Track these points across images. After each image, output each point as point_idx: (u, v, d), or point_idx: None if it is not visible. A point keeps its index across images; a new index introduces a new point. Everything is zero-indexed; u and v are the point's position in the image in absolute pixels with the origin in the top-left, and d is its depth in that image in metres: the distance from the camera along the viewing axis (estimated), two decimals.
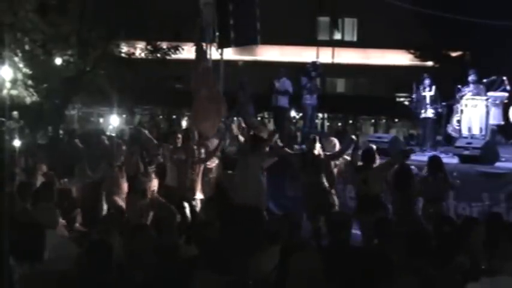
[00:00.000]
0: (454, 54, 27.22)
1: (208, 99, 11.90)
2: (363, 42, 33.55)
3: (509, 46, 18.54)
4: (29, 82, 16.98)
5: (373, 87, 32.74)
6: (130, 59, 19.90)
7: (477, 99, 12.79)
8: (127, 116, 25.67)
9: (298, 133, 18.65)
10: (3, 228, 3.87)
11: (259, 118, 24.53)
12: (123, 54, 19.92)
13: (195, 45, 12.79)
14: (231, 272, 4.70)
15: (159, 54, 20.30)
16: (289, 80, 15.52)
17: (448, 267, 4.95)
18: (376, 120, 33.68)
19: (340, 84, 36.54)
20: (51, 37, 17.38)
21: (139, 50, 20.17)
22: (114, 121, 16.80)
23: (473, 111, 12.79)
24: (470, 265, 5.20)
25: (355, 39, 35.17)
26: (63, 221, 7.23)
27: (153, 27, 19.38)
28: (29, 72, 16.91)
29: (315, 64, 15.75)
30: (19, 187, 7.89)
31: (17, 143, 11.68)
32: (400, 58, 31.24)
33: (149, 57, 20.23)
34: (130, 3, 18.65)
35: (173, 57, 20.43)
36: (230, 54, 18.62)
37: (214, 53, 14.16)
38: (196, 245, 5.40)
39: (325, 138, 11.16)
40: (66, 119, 23.37)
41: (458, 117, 13.20)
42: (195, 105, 12.16)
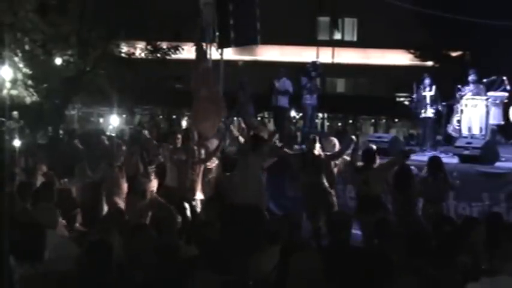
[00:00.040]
0: (454, 54, 27.21)
1: (208, 99, 11.90)
2: (363, 42, 33.55)
3: (509, 46, 18.52)
4: (29, 82, 17.01)
5: (373, 87, 32.72)
6: (131, 59, 19.90)
7: (477, 99, 12.80)
8: (127, 116, 25.68)
9: (298, 133, 18.63)
10: (3, 228, 3.86)
11: (259, 118, 24.53)
12: (123, 54, 19.92)
13: (195, 45, 12.79)
14: (231, 272, 4.70)
15: (159, 54, 20.31)
16: (289, 80, 15.52)
17: (448, 267, 4.94)
18: (376, 120, 33.67)
19: (340, 84, 36.54)
20: (51, 37, 17.39)
21: (139, 50, 20.18)
22: (114, 121, 16.81)
23: (473, 111, 12.80)
24: (471, 265, 5.20)
25: (355, 39, 35.18)
26: (63, 221, 7.22)
27: (153, 27, 19.39)
28: (29, 72, 16.94)
29: (315, 64, 15.74)
30: (19, 187, 7.88)
31: (17, 143, 11.66)
32: (400, 58, 31.24)
33: (149, 57, 20.24)
34: (130, 3, 18.66)
35: (173, 57, 20.44)
36: (230, 54, 18.61)
37: (214, 53, 14.15)
38: (196, 245, 5.40)
39: (325, 138, 11.16)
40: (66, 119, 23.37)
41: (458, 117, 13.20)
42: (195, 105, 12.15)
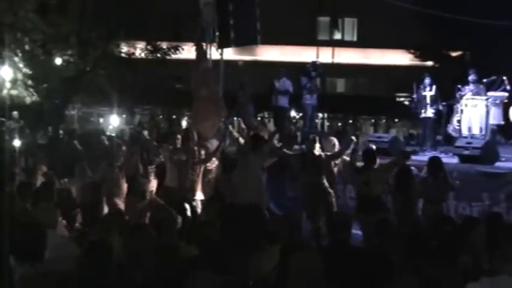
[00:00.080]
0: (454, 54, 27.21)
1: (208, 99, 11.89)
2: (363, 42, 33.54)
3: (510, 46, 18.53)
4: (29, 82, 17.02)
5: (373, 87, 32.71)
6: (131, 59, 19.91)
7: (477, 99, 12.80)
8: (127, 116, 25.67)
9: (298, 133, 18.62)
10: (3, 228, 3.87)
11: (259, 118, 24.53)
12: (123, 54, 19.93)
13: (195, 45, 12.79)
14: (231, 272, 4.70)
15: (159, 54, 20.32)
16: (289, 80, 15.52)
17: (448, 267, 4.94)
18: (376, 120, 33.66)
19: (340, 84, 36.53)
20: (51, 37, 17.40)
21: (139, 50, 20.19)
22: (114, 121, 16.81)
23: (473, 111, 12.80)
24: (471, 265, 5.20)
25: (355, 39, 35.18)
26: (63, 221, 7.22)
27: (153, 27, 19.39)
28: (29, 72, 16.95)
29: (315, 64, 15.75)
30: (19, 187, 7.87)
31: (17, 143, 11.65)
32: (400, 58, 31.23)
33: (149, 57, 20.25)
34: (130, 3, 18.67)
35: (173, 57, 20.44)
36: (230, 54, 18.60)
37: (214, 53, 14.14)
38: (196, 245, 5.39)
39: (325, 138, 11.16)
40: (66, 119, 23.37)
41: (458, 117, 13.20)
42: (195, 105, 12.14)
